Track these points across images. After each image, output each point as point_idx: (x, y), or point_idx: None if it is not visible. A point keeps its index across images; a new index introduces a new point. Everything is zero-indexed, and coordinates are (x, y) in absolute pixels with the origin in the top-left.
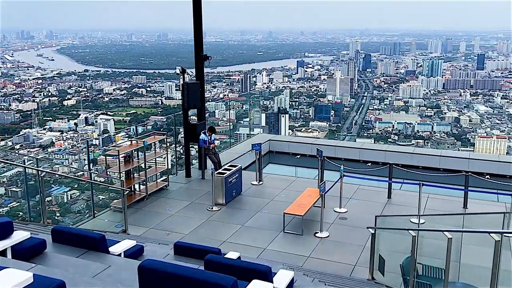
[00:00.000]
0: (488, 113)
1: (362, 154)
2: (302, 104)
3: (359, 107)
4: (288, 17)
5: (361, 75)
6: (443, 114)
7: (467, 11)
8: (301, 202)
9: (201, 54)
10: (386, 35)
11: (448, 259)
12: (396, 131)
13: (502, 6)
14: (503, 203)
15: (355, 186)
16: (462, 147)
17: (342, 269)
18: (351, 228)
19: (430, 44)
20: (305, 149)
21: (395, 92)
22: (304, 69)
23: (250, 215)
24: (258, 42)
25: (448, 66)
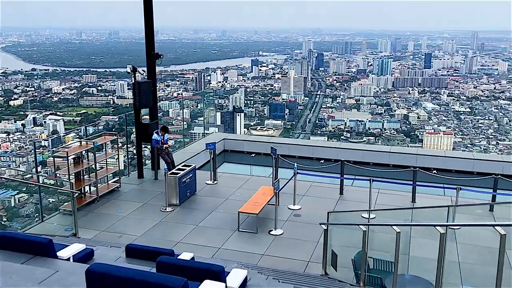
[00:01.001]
0: (435, 110)
1: (315, 152)
2: (257, 103)
3: (313, 106)
4: (241, 16)
5: (314, 74)
6: (393, 111)
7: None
8: (256, 201)
9: (153, 52)
10: (338, 34)
11: (397, 252)
12: (348, 128)
13: (447, 7)
14: (449, 197)
15: (309, 183)
16: (411, 143)
17: (296, 265)
18: (304, 224)
19: (380, 43)
20: (260, 147)
21: (347, 90)
22: (259, 67)
23: (204, 215)
24: (212, 41)
25: (397, 65)
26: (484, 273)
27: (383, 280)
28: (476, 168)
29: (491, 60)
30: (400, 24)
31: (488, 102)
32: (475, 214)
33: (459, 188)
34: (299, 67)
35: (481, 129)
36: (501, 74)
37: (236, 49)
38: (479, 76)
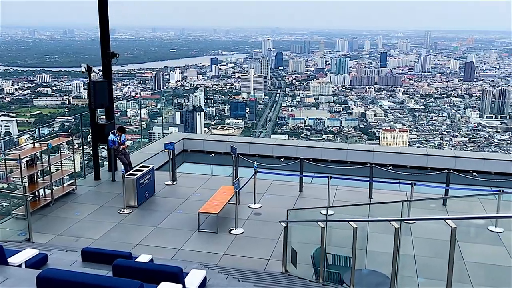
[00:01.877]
0: (391, 108)
1: (275, 150)
2: (217, 102)
3: (273, 104)
4: (200, 14)
5: (274, 72)
6: (351, 109)
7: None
8: (216, 200)
9: (108, 51)
10: (296, 34)
11: (354, 247)
12: (308, 126)
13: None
14: (404, 192)
15: (269, 182)
16: (368, 141)
17: (256, 264)
18: (265, 223)
19: (337, 43)
20: (220, 146)
21: (306, 89)
22: (218, 66)
23: (163, 216)
24: (170, 39)
25: (354, 63)
26: (437, 265)
27: (342, 275)
28: (430, 163)
29: (443, 58)
30: (356, 23)
31: (441, 100)
32: (429, 208)
33: (414, 183)
34: (258, 66)
35: (435, 125)
36: (453, 72)
37: (195, 48)
38: (433, 74)
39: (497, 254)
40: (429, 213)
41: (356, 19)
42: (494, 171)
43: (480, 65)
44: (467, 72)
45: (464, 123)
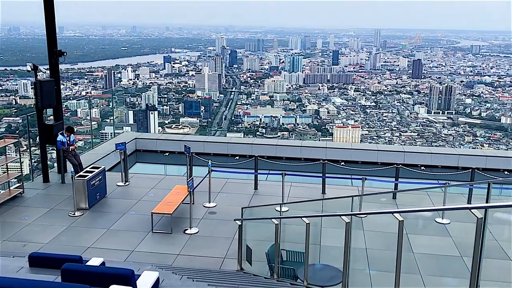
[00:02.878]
0: (344, 105)
1: (230, 148)
2: (171, 100)
3: (228, 102)
4: (152, 12)
5: (228, 70)
6: (305, 107)
7: (322, 11)
8: (170, 200)
9: (55, 49)
10: (250, 32)
11: (307, 243)
12: (264, 124)
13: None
14: (356, 187)
15: (224, 180)
16: (322, 137)
17: (212, 263)
18: (220, 221)
19: (290, 41)
20: (174, 146)
21: (261, 87)
22: (172, 64)
23: (116, 218)
24: (121, 37)
25: (307, 62)
26: (388, 258)
27: (296, 270)
28: (380, 158)
29: (392, 56)
30: (309, 22)
31: (391, 96)
32: (380, 202)
33: (365, 178)
34: (213, 64)
35: (385, 121)
36: (401, 69)
37: (147, 46)
38: (383, 72)
39: (444, 245)
40: (380, 207)
41: (308, 18)
42: (441, 164)
43: (427, 63)
44: (415, 69)
45: (413, 118)
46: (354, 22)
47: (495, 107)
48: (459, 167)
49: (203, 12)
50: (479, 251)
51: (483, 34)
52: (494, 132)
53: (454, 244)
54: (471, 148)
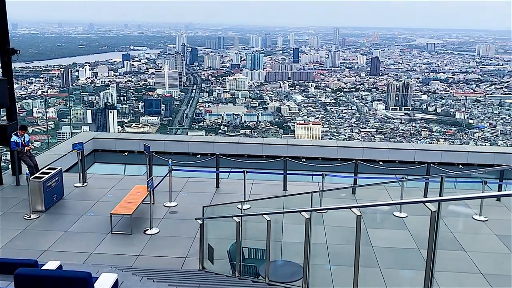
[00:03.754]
0: (305, 102)
1: (191, 147)
2: (130, 99)
3: (189, 101)
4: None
5: (189, 68)
6: (266, 104)
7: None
8: (129, 201)
9: (8, 47)
10: (211, 29)
11: (268, 240)
12: (226, 122)
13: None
14: (316, 183)
15: (185, 179)
16: (284, 134)
17: (173, 263)
18: (181, 221)
19: (251, 39)
20: (133, 145)
21: (222, 84)
22: (131, 62)
23: (74, 220)
24: (78, 35)
25: (268, 59)
26: (347, 252)
27: (258, 268)
28: (340, 154)
29: (351, 54)
30: (269, 20)
31: (350, 93)
32: (340, 197)
33: (325, 174)
34: (173, 61)
35: (345, 118)
36: (360, 67)
37: (106, 43)
38: (342, 69)
39: (402, 238)
40: (340, 202)
41: (269, 15)
42: (398, 159)
43: (385, 60)
44: (373, 67)
45: (371, 115)
46: (313, 20)
47: (450, 103)
48: (415, 162)
49: (163, 10)
50: (434, 243)
51: (438, 32)
52: (449, 127)
53: (411, 237)
54: (428, 143)
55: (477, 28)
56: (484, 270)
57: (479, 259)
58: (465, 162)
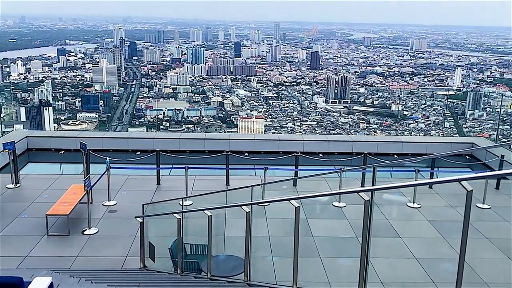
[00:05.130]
0: (247, 96)
1: (130, 144)
2: (67, 95)
3: (129, 96)
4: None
5: (128, 63)
6: (209, 99)
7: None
8: (66, 201)
9: None
10: (150, 23)
11: (209, 235)
12: (167, 117)
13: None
14: (259, 176)
15: (124, 177)
16: (227, 129)
17: (113, 262)
18: (121, 220)
19: (192, 32)
20: (70, 143)
21: (163, 79)
22: (66, 57)
23: (6, 223)
24: (9, 28)
25: (210, 53)
26: (289, 243)
27: (200, 263)
28: (282, 148)
29: (292, 49)
30: (209, 14)
31: (292, 87)
32: (281, 190)
33: (266, 168)
34: (111, 56)
35: (287, 112)
36: (300, 61)
37: (39, 38)
38: (283, 63)
39: (341, 227)
40: (281, 194)
41: (209, 9)
42: (337, 151)
43: (324, 55)
44: (313, 61)
45: (312, 108)
46: (254, 14)
47: (386, 96)
48: (353, 153)
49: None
50: (368, 231)
51: (374, 27)
52: (386, 119)
53: (350, 226)
54: (365, 134)
55: (411, 23)
56: (418, 255)
57: (413, 244)
58: (399, 152)
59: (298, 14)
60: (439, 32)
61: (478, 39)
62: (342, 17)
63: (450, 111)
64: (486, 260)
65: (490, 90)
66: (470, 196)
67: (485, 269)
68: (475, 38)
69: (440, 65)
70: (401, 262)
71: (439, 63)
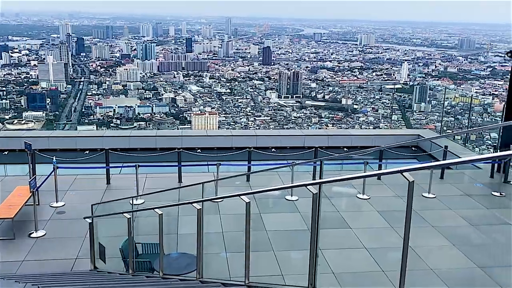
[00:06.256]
0: (200, 92)
1: (79, 143)
2: (11, 93)
3: (77, 93)
4: None
5: (75, 59)
6: (161, 95)
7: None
8: (10, 203)
9: None
10: (98, 18)
11: (161, 234)
12: (118, 115)
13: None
14: (212, 173)
15: (73, 177)
16: (180, 125)
17: (62, 265)
18: (70, 221)
19: (141, 28)
20: (15, 143)
21: (113, 76)
22: (10, 54)
23: None
24: None
25: (161, 49)
26: (242, 239)
27: (152, 262)
28: (235, 143)
29: (244, 44)
30: (159, 9)
31: (245, 83)
32: (235, 185)
33: (219, 164)
34: (57, 52)
35: (240, 107)
36: (253, 56)
37: None
38: (235, 59)
39: (294, 220)
40: (234, 190)
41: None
42: (290, 145)
43: (276, 50)
44: (265, 56)
45: (265, 103)
46: (205, 9)
47: (337, 90)
48: (305, 147)
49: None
50: (316, 223)
51: (324, 23)
52: (337, 113)
53: (302, 219)
54: (318, 128)
55: (359, 19)
56: (367, 245)
57: (363, 234)
58: (349, 145)
59: (250, 9)
60: (386, 27)
61: (423, 34)
62: (293, 12)
63: (398, 104)
64: (432, 247)
65: (435, 84)
66: (412, 186)
67: (431, 256)
68: (420, 33)
69: (387, 60)
70: (352, 252)
71: (386, 58)
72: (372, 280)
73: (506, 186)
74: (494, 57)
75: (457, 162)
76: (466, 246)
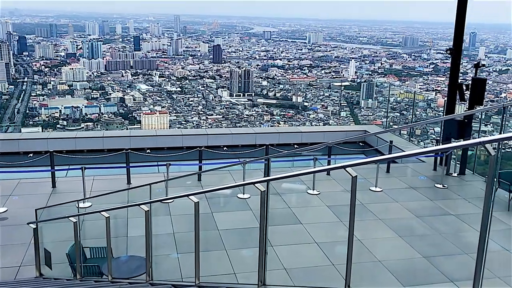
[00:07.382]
0: (150, 91)
1: (21, 145)
2: None
3: (20, 94)
4: None
5: (17, 59)
6: (109, 95)
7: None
8: None
9: None
10: (40, 16)
11: (108, 237)
12: (64, 116)
13: None
14: (162, 173)
15: (16, 181)
16: (130, 125)
17: (5, 273)
18: (13, 227)
19: (87, 26)
20: None
21: (58, 75)
22: None
23: None
24: None
25: (108, 48)
26: (193, 239)
27: (101, 267)
28: (186, 143)
29: (193, 42)
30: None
31: (195, 81)
32: (186, 185)
33: (169, 164)
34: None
35: (192, 106)
36: (203, 55)
37: None
38: (185, 57)
39: (245, 219)
40: (185, 190)
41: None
42: (241, 143)
43: (226, 48)
44: (215, 54)
45: (217, 102)
46: (153, 7)
47: (287, 88)
48: (256, 145)
49: None
50: (265, 221)
51: (273, 21)
52: (288, 110)
53: (254, 216)
54: (270, 126)
55: (308, 17)
56: (318, 239)
57: (313, 229)
58: (299, 142)
59: (198, 7)
60: (333, 25)
61: (369, 32)
62: (242, 10)
63: (346, 101)
64: (379, 239)
65: (381, 81)
66: (355, 181)
67: (378, 248)
68: (366, 31)
69: (335, 58)
70: (302, 247)
71: (334, 56)
72: (323, 274)
73: (448, 178)
74: (436, 54)
75: (400, 156)
76: (411, 237)
